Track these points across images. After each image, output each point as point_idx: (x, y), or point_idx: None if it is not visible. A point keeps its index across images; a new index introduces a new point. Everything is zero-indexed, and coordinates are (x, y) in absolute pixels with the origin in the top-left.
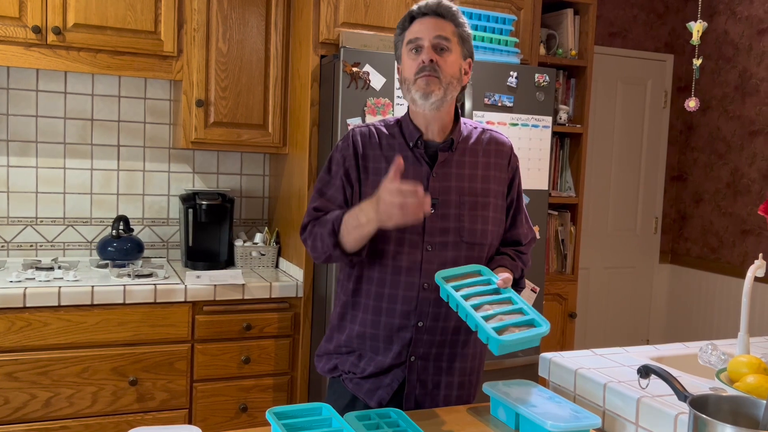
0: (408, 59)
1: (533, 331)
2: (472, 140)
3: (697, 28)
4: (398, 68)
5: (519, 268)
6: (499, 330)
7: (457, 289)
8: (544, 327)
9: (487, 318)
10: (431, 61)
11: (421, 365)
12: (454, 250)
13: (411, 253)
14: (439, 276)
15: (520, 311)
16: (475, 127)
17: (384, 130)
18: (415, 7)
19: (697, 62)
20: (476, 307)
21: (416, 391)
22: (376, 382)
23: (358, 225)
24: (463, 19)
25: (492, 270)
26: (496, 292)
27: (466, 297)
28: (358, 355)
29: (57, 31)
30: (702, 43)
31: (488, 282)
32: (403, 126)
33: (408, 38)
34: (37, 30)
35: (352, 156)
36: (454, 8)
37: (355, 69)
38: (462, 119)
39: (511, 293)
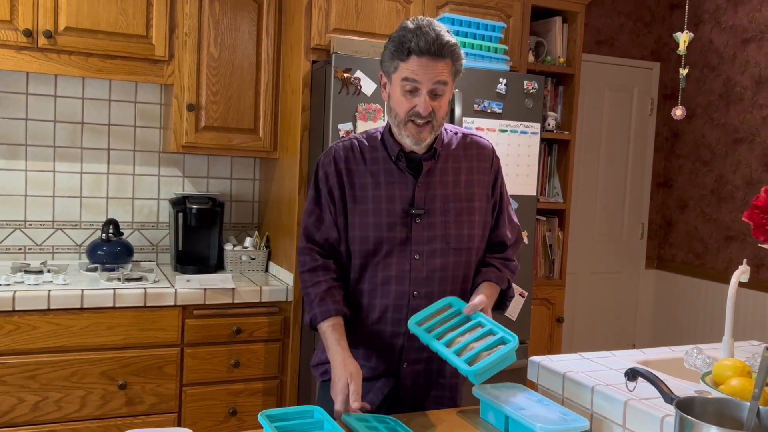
0: (400, 95)
1: (502, 350)
2: (453, 146)
3: (683, 38)
4: (382, 77)
5: (505, 279)
6: (471, 360)
7: (430, 329)
8: (513, 341)
9: (459, 351)
10: (428, 111)
11: (413, 371)
12: (441, 257)
13: (399, 263)
14: (411, 322)
15: (490, 333)
16: (456, 133)
17: (366, 143)
18: (413, 40)
19: (683, 72)
20: (448, 343)
21: (409, 396)
22: (367, 386)
23: (325, 347)
24: (461, 52)
25: (477, 285)
26: (468, 319)
27: (439, 335)
28: None
29: (48, 35)
30: (687, 52)
31: (459, 312)
32: (385, 139)
33: (404, 74)
34: (28, 33)
35: (334, 173)
36: (452, 43)
37: (346, 75)
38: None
39: (480, 317)
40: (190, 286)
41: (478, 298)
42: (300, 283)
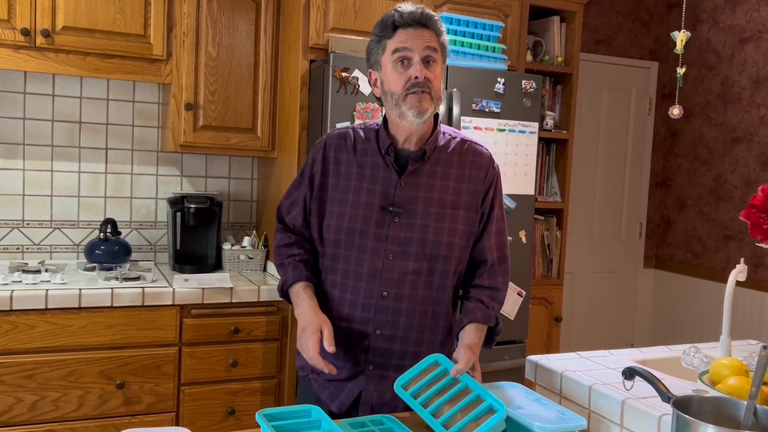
0: (394, 71)
1: (489, 422)
2: (448, 150)
3: (681, 37)
4: (371, 75)
5: (493, 316)
6: None
7: (416, 393)
8: (500, 411)
9: (445, 421)
10: (425, 77)
11: (380, 375)
12: (415, 261)
13: (372, 261)
14: (397, 385)
15: (477, 399)
16: (454, 137)
17: (362, 134)
18: (395, 14)
19: (681, 71)
20: (435, 412)
21: (373, 400)
22: (339, 386)
23: (294, 306)
24: (443, 27)
25: (464, 326)
26: (455, 381)
27: (426, 402)
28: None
29: (46, 34)
30: (685, 52)
31: (446, 372)
32: (379, 132)
33: (394, 47)
34: (25, 32)
35: (321, 160)
36: (436, 16)
37: (344, 74)
38: (442, 127)
39: (468, 380)
40: (188, 286)
41: (463, 360)
42: (275, 258)
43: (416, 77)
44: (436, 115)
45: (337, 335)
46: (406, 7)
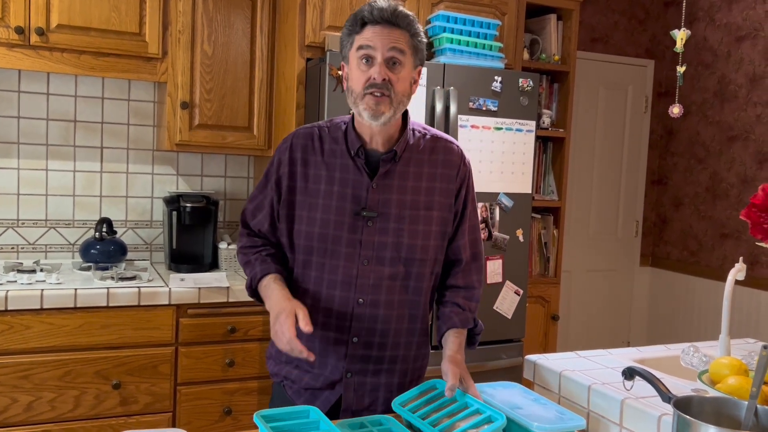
0: (357, 69)
1: (489, 429)
2: (419, 149)
3: (680, 36)
4: (343, 68)
5: (470, 318)
6: None
7: (415, 409)
8: (499, 420)
9: (444, 429)
10: (384, 79)
11: (358, 381)
12: (391, 266)
13: (346, 267)
14: (395, 403)
15: (476, 412)
16: (424, 134)
17: (328, 132)
18: (366, 9)
19: (681, 69)
20: (434, 423)
21: (353, 407)
22: (315, 393)
23: (264, 299)
24: (419, 27)
25: (443, 333)
26: (453, 400)
27: (424, 416)
28: (295, 365)
29: (40, 32)
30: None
31: (443, 393)
32: (347, 132)
33: (359, 43)
34: (19, 31)
35: (288, 162)
36: (410, 16)
37: (340, 72)
38: (413, 123)
39: (467, 397)
40: (185, 285)
41: (450, 377)
42: (240, 258)
43: (374, 78)
44: (406, 113)
45: (313, 342)
46: (378, 3)
